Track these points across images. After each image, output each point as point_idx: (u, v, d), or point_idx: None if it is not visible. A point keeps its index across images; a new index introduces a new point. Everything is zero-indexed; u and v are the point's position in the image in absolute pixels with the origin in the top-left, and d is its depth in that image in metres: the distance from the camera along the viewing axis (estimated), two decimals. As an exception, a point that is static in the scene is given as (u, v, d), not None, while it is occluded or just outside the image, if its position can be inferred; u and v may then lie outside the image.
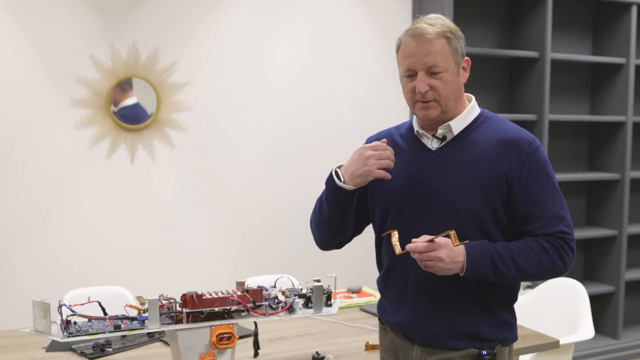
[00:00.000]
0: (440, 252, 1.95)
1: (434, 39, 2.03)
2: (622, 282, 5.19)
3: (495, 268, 1.99)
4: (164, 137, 4.13)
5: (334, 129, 4.58)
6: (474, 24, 4.93)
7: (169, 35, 4.11)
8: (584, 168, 5.46)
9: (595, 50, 5.36)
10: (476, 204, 2.04)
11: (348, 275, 4.18)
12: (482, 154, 2.07)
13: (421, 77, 2.04)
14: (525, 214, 2.05)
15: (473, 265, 1.98)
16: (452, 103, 2.10)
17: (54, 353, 2.73)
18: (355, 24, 4.60)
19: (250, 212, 4.41)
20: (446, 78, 2.05)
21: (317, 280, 2.47)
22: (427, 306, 2.13)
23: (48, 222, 3.94)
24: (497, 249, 2.00)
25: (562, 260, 2.04)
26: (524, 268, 2.00)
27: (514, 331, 2.18)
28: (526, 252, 2.01)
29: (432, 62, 2.03)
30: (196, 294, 2.26)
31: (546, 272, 2.05)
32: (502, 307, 2.14)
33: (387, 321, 2.28)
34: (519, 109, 5.00)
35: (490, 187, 2.04)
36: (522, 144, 2.06)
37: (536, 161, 2.06)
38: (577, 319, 3.53)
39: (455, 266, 1.97)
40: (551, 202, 2.05)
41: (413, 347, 2.17)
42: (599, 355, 5.09)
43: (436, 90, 2.05)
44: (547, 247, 2.02)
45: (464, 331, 2.10)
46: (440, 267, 1.96)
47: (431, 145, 2.15)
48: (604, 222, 5.33)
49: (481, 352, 2.08)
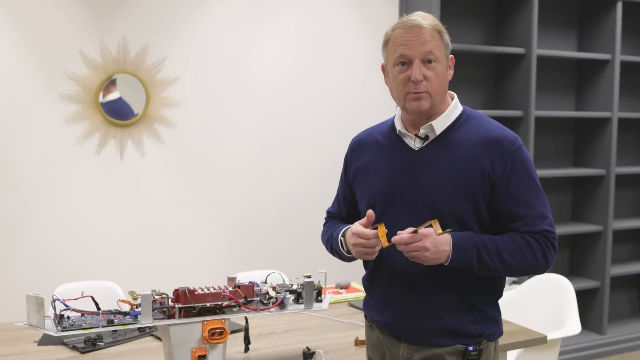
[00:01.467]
0: (425, 241, 1.96)
1: (429, 29, 2.04)
2: (608, 277, 5.22)
3: (480, 258, 2.00)
4: (153, 133, 4.14)
5: (322, 125, 4.60)
6: (461, 20, 4.95)
7: (158, 32, 4.11)
8: (570, 164, 5.49)
9: (581, 46, 5.39)
10: (459, 203, 2.05)
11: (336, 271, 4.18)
12: (465, 154, 2.07)
13: (417, 65, 2.04)
14: (509, 212, 2.06)
15: (459, 254, 2.00)
16: (441, 98, 2.11)
17: (46, 347, 2.74)
18: (343, 20, 4.62)
19: (239, 208, 4.43)
20: (439, 69, 2.06)
21: (307, 276, 2.50)
22: (413, 304, 2.14)
23: (38, 216, 3.94)
24: (483, 240, 2.02)
25: (544, 258, 2.05)
26: (507, 261, 2.02)
27: (499, 326, 2.20)
28: (511, 246, 2.03)
29: (429, 49, 2.03)
30: (188, 289, 2.28)
31: (528, 268, 2.07)
32: (487, 303, 2.16)
33: (374, 319, 2.29)
34: (505, 105, 5.03)
35: (473, 187, 2.05)
36: (505, 143, 2.07)
37: (519, 160, 2.06)
38: (563, 314, 3.56)
39: (441, 255, 1.99)
40: (534, 201, 2.06)
41: (400, 344, 2.19)
42: (584, 350, 5.13)
43: (429, 81, 2.05)
44: (531, 243, 2.04)
45: (450, 328, 2.11)
46: (426, 257, 1.98)
47: (414, 145, 2.15)
48: (589, 217, 5.37)
49: (467, 348, 2.10)
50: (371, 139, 2.28)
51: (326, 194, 4.56)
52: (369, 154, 2.26)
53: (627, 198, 5.71)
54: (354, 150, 2.34)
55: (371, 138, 2.29)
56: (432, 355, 2.13)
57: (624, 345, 5.31)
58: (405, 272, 2.12)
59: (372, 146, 2.26)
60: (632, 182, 5.71)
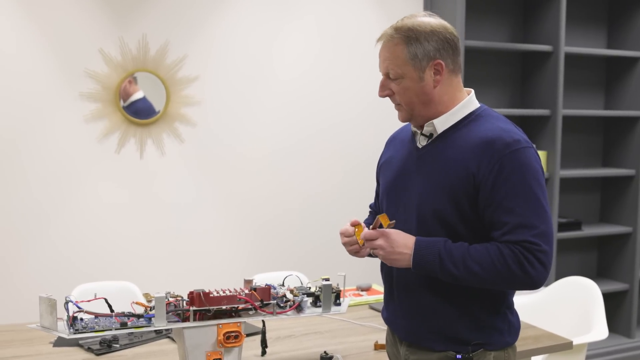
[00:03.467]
0: (380, 240, 1.99)
1: (390, 45, 2.03)
2: (637, 279, 5.14)
3: (442, 266, 1.93)
4: (173, 132, 4.11)
5: (344, 125, 4.54)
6: (487, 17, 4.88)
7: (178, 30, 4.08)
8: (598, 164, 5.41)
9: (610, 43, 5.30)
10: (441, 204, 1.99)
11: (358, 273, 4.15)
12: (457, 154, 2.00)
13: (382, 81, 2.09)
14: (490, 219, 1.95)
15: (419, 260, 1.96)
16: (421, 107, 2.05)
17: (60, 348, 2.72)
18: (365, 18, 4.56)
19: (260, 209, 4.39)
20: (405, 84, 2.03)
21: (326, 279, 2.45)
22: (408, 305, 2.12)
23: (56, 216, 3.93)
24: (449, 248, 1.94)
25: (523, 271, 1.90)
26: (474, 270, 1.91)
27: (504, 336, 2.08)
28: (481, 255, 1.92)
29: (386, 69, 2.06)
30: (203, 292, 2.25)
31: (503, 280, 1.93)
32: (486, 310, 2.06)
33: (382, 317, 2.32)
34: (532, 104, 4.95)
35: (457, 189, 1.97)
36: (498, 145, 1.94)
37: (510, 164, 1.92)
38: (590, 318, 3.49)
39: (399, 257, 1.98)
40: (521, 208, 1.91)
41: (400, 344, 2.19)
42: (612, 355, 5.04)
43: (398, 95, 2.06)
44: (505, 253, 1.90)
45: (443, 333, 2.06)
46: (382, 255, 2.01)
47: (419, 143, 2.12)
48: (618, 218, 5.28)
49: (456, 355, 2.03)
50: (400, 135, 2.29)
51: (348, 195, 4.52)
52: (392, 149, 2.27)
53: (657, 199, 5.60)
54: (387, 145, 2.36)
55: (400, 135, 2.29)
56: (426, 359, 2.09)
57: (654, 349, 5.22)
58: (401, 273, 2.11)
59: (397, 142, 2.27)
60: (663, 183, 5.61)
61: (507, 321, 2.10)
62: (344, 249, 2.32)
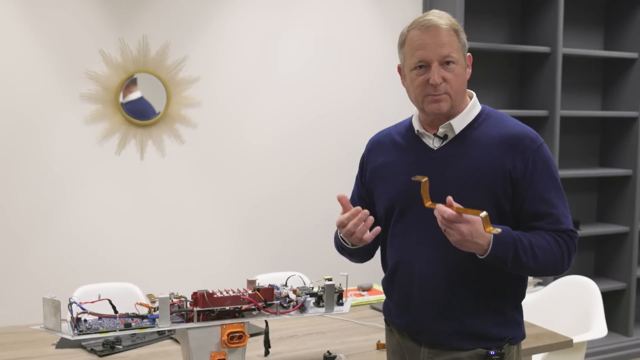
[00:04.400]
0: (463, 226, 1.88)
1: (446, 31, 2.02)
2: (634, 278, 5.16)
3: (516, 254, 1.94)
4: (174, 133, 4.12)
5: (345, 128, 4.56)
6: (485, 18, 4.90)
7: (178, 31, 4.09)
8: (596, 164, 5.43)
9: (608, 44, 5.32)
10: (480, 203, 1.99)
11: (359, 273, 4.15)
12: (485, 152, 2.04)
13: (435, 68, 2.02)
14: (533, 211, 2.02)
15: (497, 249, 1.92)
16: (461, 97, 2.09)
17: (63, 350, 2.74)
18: (366, 19, 4.57)
19: (260, 210, 4.40)
20: (457, 70, 2.04)
21: (328, 279, 2.46)
22: (433, 307, 2.10)
23: (57, 217, 3.94)
24: (519, 237, 1.97)
25: (569, 258, 2.03)
26: (540, 258, 1.97)
27: (522, 329, 2.16)
28: (543, 244, 1.98)
29: (447, 52, 2.01)
30: (207, 293, 2.25)
31: (554, 267, 2.03)
32: (509, 305, 2.12)
33: (393, 323, 2.27)
34: (531, 104, 4.97)
35: (495, 186, 2.01)
36: (526, 141, 2.04)
37: (541, 158, 2.04)
38: (589, 316, 3.51)
39: (474, 246, 1.91)
40: (558, 200, 2.04)
41: (420, 348, 2.15)
42: (610, 353, 5.07)
43: (448, 83, 2.03)
44: (560, 241, 2.00)
45: (471, 331, 2.07)
46: (456, 240, 1.90)
47: (432, 144, 2.13)
48: (615, 218, 5.30)
49: (489, 352, 2.06)
50: (389, 139, 2.27)
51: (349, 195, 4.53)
52: (386, 154, 2.24)
53: (654, 198, 5.63)
54: (371, 151, 2.33)
55: (389, 138, 2.27)
56: (453, 359, 2.09)
57: (651, 347, 5.24)
58: (423, 273, 2.09)
59: (390, 146, 2.24)
60: (660, 183, 5.63)
61: (522, 315, 2.17)
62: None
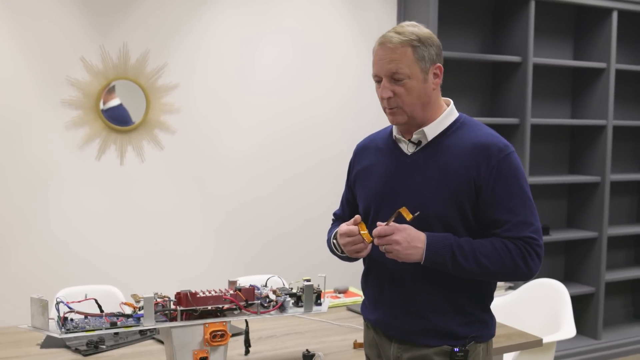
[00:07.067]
0: (396, 234, 2.02)
1: (397, 47, 2.08)
2: (602, 283, 5.27)
3: (454, 260, 2.04)
4: (153, 139, 4.17)
5: (323, 134, 4.63)
6: (458, 28, 4.99)
7: (158, 38, 4.15)
8: (565, 171, 5.54)
9: (577, 55, 5.44)
10: (445, 208, 2.09)
11: (335, 276, 4.23)
12: (454, 160, 2.11)
13: (384, 83, 2.12)
14: (492, 218, 2.08)
15: (432, 254, 2.04)
16: (420, 109, 2.15)
17: (48, 349, 2.77)
18: (342, 28, 4.65)
19: (239, 213, 4.46)
20: (410, 85, 2.10)
21: (307, 280, 2.53)
22: (401, 305, 2.19)
23: (39, 221, 3.97)
24: (459, 242, 2.06)
25: (525, 264, 2.06)
26: (483, 263, 2.04)
27: (490, 329, 2.23)
28: (488, 249, 2.05)
29: (394, 69, 2.09)
30: (190, 293, 2.32)
31: (508, 273, 2.08)
32: (475, 306, 2.19)
33: (368, 319, 2.35)
34: (502, 112, 5.07)
35: (460, 193, 2.08)
36: (493, 150, 2.09)
37: (506, 167, 2.08)
38: (558, 318, 3.60)
39: (414, 252, 2.04)
40: (519, 208, 2.08)
41: (391, 344, 2.24)
42: (579, 355, 5.17)
43: (399, 97, 2.11)
44: (510, 247, 2.05)
45: (437, 329, 2.15)
46: (397, 251, 2.03)
47: (407, 149, 2.21)
48: (584, 224, 5.41)
49: (453, 349, 2.14)
50: (373, 144, 2.36)
51: (325, 200, 4.61)
52: (369, 158, 2.33)
53: (622, 205, 5.76)
54: (357, 155, 2.42)
55: (373, 143, 2.36)
56: (420, 355, 2.17)
57: (619, 350, 5.35)
58: (394, 272, 2.18)
59: (372, 151, 2.33)
60: (627, 189, 5.77)
61: (491, 315, 2.25)
62: (321, 252, 2.41)
